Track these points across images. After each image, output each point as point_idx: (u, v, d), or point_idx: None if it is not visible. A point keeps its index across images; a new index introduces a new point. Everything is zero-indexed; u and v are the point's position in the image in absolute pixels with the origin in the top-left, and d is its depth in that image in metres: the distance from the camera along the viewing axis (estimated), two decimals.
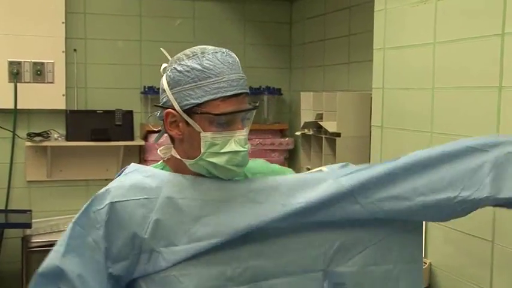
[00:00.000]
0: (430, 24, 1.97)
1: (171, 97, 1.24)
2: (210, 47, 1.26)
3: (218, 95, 1.20)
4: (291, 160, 3.98)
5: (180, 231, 1.18)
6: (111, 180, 1.28)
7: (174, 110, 1.24)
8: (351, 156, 2.87)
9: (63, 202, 3.66)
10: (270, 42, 4.06)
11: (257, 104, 1.31)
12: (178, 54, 1.28)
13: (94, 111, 3.63)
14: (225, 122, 1.21)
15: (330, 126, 2.95)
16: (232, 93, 1.21)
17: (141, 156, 3.77)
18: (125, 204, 1.19)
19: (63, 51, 3.57)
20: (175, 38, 3.83)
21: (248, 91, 1.26)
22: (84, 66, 3.70)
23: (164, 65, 1.31)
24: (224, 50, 1.26)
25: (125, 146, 3.65)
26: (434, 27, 1.96)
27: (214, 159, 1.22)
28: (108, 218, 1.19)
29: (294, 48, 4.07)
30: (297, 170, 3.80)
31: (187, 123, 1.23)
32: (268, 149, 3.87)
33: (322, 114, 3.10)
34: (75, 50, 3.67)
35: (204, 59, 1.23)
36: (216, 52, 1.25)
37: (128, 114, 3.67)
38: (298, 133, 3.40)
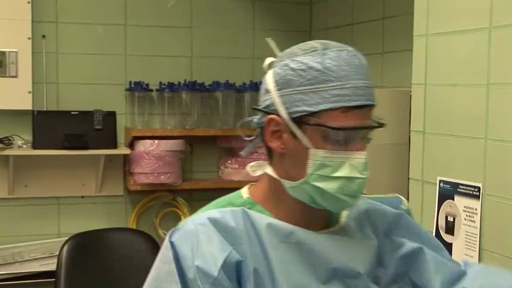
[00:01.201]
0: (485, 4, 1.97)
1: (278, 100, 1.23)
2: (333, 43, 1.25)
3: (339, 104, 1.19)
4: None
5: None
6: (89, 197, 1.29)
7: (279, 116, 1.23)
8: (386, 167, 2.86)
9: (28, 225, 3.67)
10: (285, 27, 4.07)
11: (383, 122, 1.27)
12: (293, 48, 1.28)
13: (68, 113, 3.65)
14: (343, 140, 1.20)
15: None
16: (356, 103, 1.20)
17: (125, 167, 3.78)
18: None
19: (29, 38, 3.59)
20: (168, 22, 3.84)
21: (374, 103, 1.24)
22: (55, 56, 3.72)
23: (270, 60, 1.30)
24: (351, 48, 1.25)
25: (106, 156, 3.67)
26: (490, 8, 1.95)
27: (322, 185, 1.20)
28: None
29: (315, 34, 4.07)
30: None
31: (294, 135, 1.22)
32: None
33: None
34: (43, 36, 3.69)
35: (326, 57, 1.21)
36: (341, 50, 1.23)
37: (110, 116, 3.69)
38: None
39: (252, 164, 1.34)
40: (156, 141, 3.65)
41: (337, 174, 1.20)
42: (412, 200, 2.20)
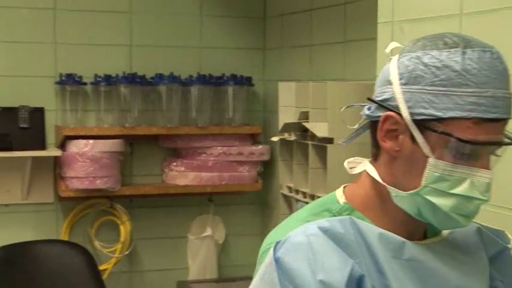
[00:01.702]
0: None
1: (401, 96, 1.20)
2: (475, 40, 1.22)
3: (473, 114, 1.16)
4: (266, 176, 3.98)
5: None
6: (14, 205, 1.25)
7: (399, 115, 1.20)
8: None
9: None
10: (236, 13, 4.07)
11: None
12: (426, 39, 1.23)
13: None
14: (468, 154, 1.17)
15: (319, 129, 2.97)
16: (492, 116, 1.17)
17: (56, 171, 3.74)
18: None
19: None
20: (104, 6, 3.80)
21: (510, 117, 1.21)
22: None
23: (394, 45, 1.28)
24: (495, 50, 1.21)
25: (34, 158, 3.62)
26: None
27: (436, 200, 1.19)
28: None
29: (270, 21, 4.08)
30: (275, 189, 3.81)
31: (413, 139, 1.20)
32: (234, 161, 3.87)
33: (308, 112, 3.12)
34: None
35: (467, 57, 1.18)
36: (484, 51, 1.19)
37: (37, 113, 3.65)
38: (275, 138, 3.40)
39: (350, 159, 1.35)
40: (91, 141, 3.61)
41: (455, 191, 1.18)
42: None
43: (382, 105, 1.23)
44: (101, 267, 3.56)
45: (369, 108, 1.27)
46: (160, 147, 3.93)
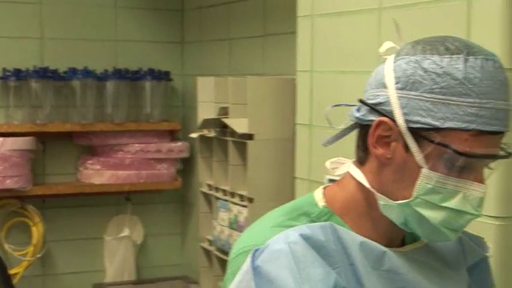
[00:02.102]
0: None
1: (396, 102, 1.17)
2: (477, 47, 1.18)
3: (472, 126, 1.14)
4: (185, 173, 3.97)
5: None
6: None
7: (393, 121, 1.17)
8: (268, 166, 2.89)
9: None
10: (152, 5, 4.04)
11: None
12: (426, 42, 1.19)
13: None
14: (463, 166, 1.15)
15: (239, 125, 2.97)
16: (492, 129, 1.15)
17: None
18: None
19: None
20: None
21: (508, 130, 1.19)
22: None
23: (389, 45, 1.23)
24: (496, 58, 1.18)
25: None
26: None
27: (426, 213, 1.17)
28: None
29: (188, 14, 4.06)
30: (195, 186, 3.80)
31: (406, 147, 1.17)
32: (152, 159, 3.85)
33: (227, 108, 3.12)
34: None
35: (469, 65, 1.14)
36: (487, 59, 1.16)
37: None
38: (194, 135, 3.39)
39: (332, 159, 1.32)
40: (0, 138, 3.55)
41: (447, 204, 1.17)
42: None
43: (375, 109, 1.20)
44: (12, 271, 3.48)
45: (358, 110, 1.24)
46: (75, 144, 3.87)
